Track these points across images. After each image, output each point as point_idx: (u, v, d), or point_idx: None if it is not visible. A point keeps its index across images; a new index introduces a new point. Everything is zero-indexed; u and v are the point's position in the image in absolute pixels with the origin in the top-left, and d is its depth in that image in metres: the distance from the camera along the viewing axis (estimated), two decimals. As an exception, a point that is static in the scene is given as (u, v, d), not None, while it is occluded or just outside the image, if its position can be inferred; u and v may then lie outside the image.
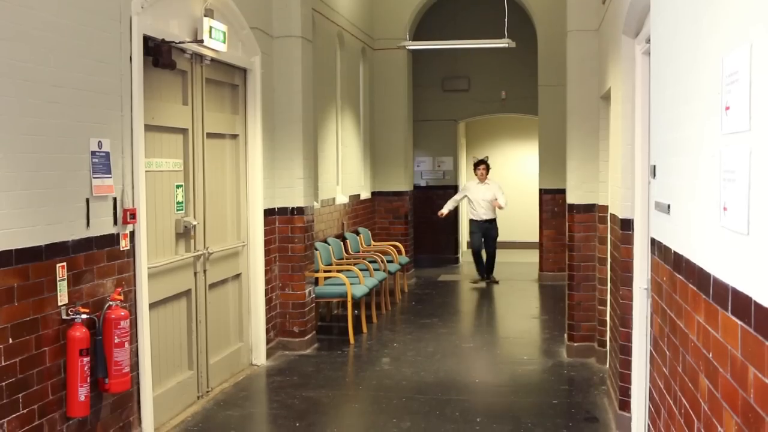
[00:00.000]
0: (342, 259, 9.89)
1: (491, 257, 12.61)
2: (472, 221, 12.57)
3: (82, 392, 4.45)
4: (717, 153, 2.55)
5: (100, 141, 4.77)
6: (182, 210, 6.13)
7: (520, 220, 15.95)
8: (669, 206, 3.48)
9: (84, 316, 4.49)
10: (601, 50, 7.02)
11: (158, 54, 5.46)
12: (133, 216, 5.11)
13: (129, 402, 5.16)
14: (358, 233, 11.17)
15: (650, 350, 4.21)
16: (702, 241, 2.79)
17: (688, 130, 3.08)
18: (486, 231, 12.36)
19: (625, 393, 5.40)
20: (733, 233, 2.37)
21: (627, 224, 5.36)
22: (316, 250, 8.79)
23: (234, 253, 7.12)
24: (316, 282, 8.58)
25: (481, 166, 12.47)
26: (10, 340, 4.02)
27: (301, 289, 7.93)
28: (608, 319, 6.67)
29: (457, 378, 7.25)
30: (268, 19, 7.72)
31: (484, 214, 12.36)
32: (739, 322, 2.28)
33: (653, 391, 4.02)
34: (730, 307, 2.39)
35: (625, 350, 5.38)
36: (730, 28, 2.44)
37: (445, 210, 12.46)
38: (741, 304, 2.27)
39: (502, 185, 12.72)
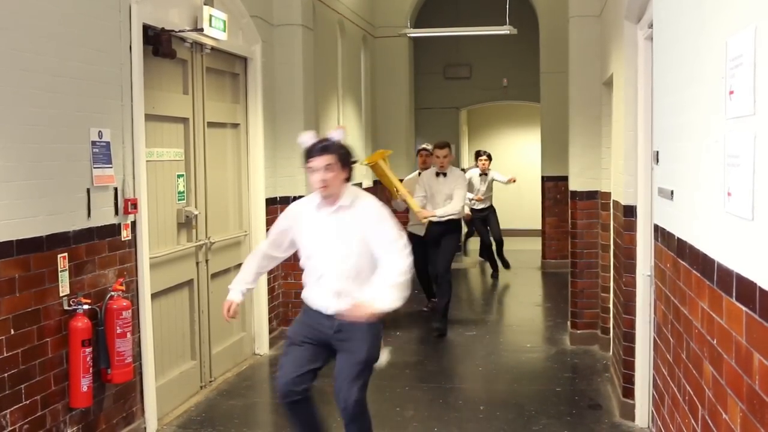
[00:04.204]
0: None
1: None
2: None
3: (85, 383, 4.45)
4: (721, 138, 2.53)
5: (100, 131, 4.75)
6: (183, 200, 6.12)
7: (523, 208, 15.93)
8: (672, 192, 3.46)
9: (86, 307, 4.49)
10: (603, 36, 6.99)
11: (158, 43, 5.43)
12: (135, 206, 5.10)
13: (132, 392, 5.16)
14: (360, 222, 11.11)
15: (654, 337, 4.20)
16: (706, 227, 2.77)
17: (691, 115, 3.06)
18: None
19: (628, 380, 5.40)
20: (737, 219, 2.35)
21: (630, 211, 5.34)
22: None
23: (236, 243, 7.11)
24: (319, 271, 8.55)
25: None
26: (12, 331, 4.01)
27: (304, 279, 7.90)
28: (611, 306, 6.66)
29: (461, 366, 7.25)
30: (268, 7, 7.68)
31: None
32: (744, 308, 2.26)
33: (657, 378, 4.01)
34: (734, 293, 2.37)
35: (628, 337, 5.37)
36: (735, 11, 2.41)
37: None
38: (746, 290, 2.25)
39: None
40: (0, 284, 3.92)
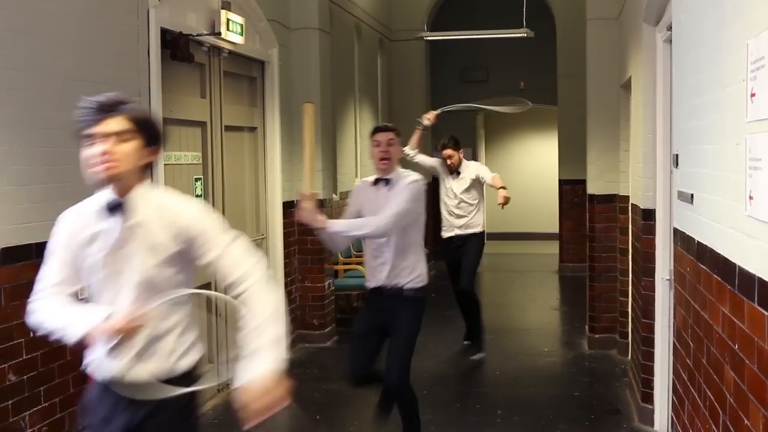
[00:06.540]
0: (361, 250, 9.85)
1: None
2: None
3: (103, 385, 4.46)
4: (742, 141, 2.50)
5: (118, 135, 4.76)
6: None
7: (540, 211, 15.87)
8: (692, 196, 3.43)
9: (104, 310, 4.49)
10: (621, 39, 6.95)
11: (176, 47, 5.45)
12: (152, 209, 5.10)
13: (150, 395, 5.16)
14: (377, 225, 11.11)
15: (673, 342, 4.16)
16: (727, 231, 2.75)
17: (711, 118, 3.03)
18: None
19: (647, 385, 5.36)
20: (759, 222, 2.33)
21: (649, 214, 5.31)
22: (335, 242, 8.76)
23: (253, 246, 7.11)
24: (336, 274, 8.57)
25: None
26: (31, 334, 4.03)
27: (321, 282, 7.92)
28: (630, 310, 6.61)
29: (478, 370, 7.22)
30: (285, 11, 7.70)
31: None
32: (766, 313, 2.24)
33: (677, 383, 3.98)
34: (756, 298, 2.34)
35: (647, 342, 5.33)
36: (756, 12, 2.39)
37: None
38: (768, 294, 2.23)
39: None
40: (20, 287, 3.95)
